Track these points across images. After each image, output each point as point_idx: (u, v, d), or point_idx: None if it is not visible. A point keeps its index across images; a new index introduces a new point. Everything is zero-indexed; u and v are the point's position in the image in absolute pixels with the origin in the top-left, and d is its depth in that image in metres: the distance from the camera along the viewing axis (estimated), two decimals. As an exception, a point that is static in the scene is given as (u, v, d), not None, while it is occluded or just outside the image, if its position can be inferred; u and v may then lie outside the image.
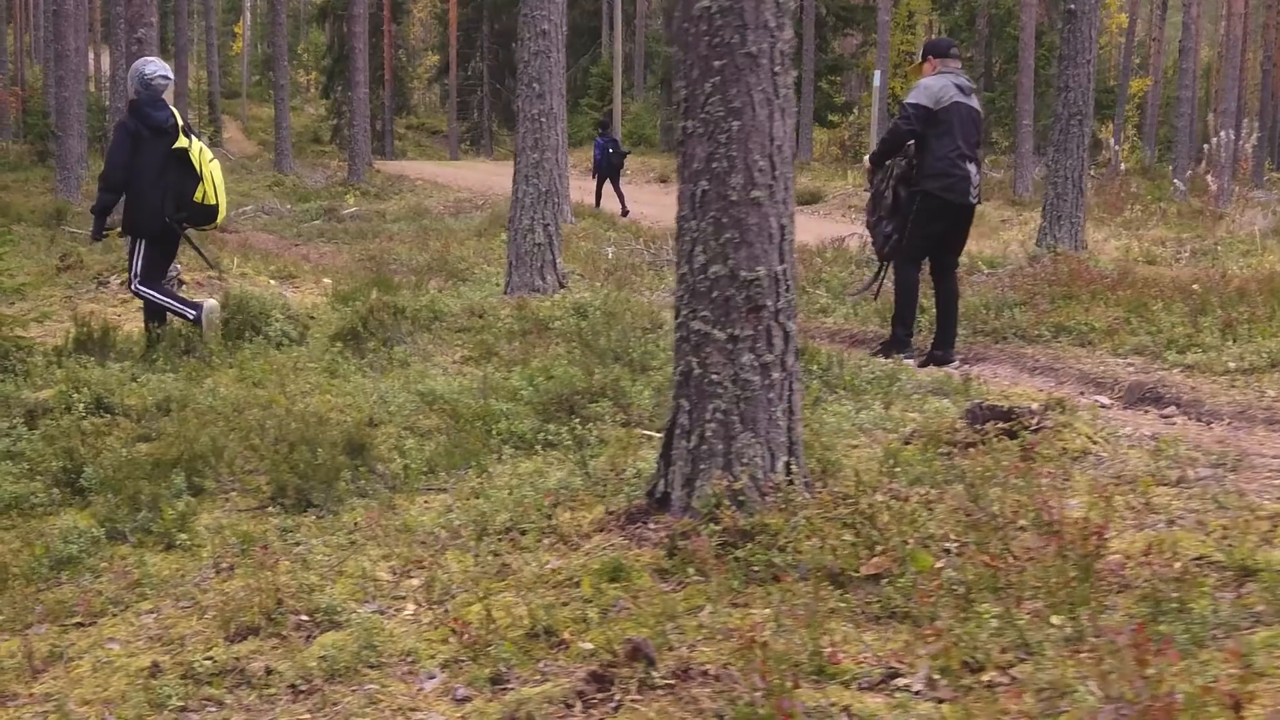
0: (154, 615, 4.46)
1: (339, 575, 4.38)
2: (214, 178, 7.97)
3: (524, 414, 6.06)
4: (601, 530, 4.22)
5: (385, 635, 3.87)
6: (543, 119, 9.08)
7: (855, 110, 39.82)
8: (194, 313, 7.90)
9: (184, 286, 11.99)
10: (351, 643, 3.85)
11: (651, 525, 4.07)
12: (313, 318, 8.62)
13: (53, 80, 28.75)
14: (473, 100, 51.40)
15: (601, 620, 3.66)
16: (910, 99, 8.10)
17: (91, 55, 51.24)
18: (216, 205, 8.00)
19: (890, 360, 7.52)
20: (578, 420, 5.89)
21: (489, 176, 30.40)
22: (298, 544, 4.84)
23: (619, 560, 3.89)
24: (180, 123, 7.96)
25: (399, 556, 4.48)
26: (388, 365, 7.50)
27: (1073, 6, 11.83)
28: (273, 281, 12.80)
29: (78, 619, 4.58)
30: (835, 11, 37.24)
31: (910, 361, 7.71)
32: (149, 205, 7.84)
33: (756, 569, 3.78)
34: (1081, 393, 6.90)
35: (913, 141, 7.98)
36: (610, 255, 13.95)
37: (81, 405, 6.27)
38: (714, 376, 3.97)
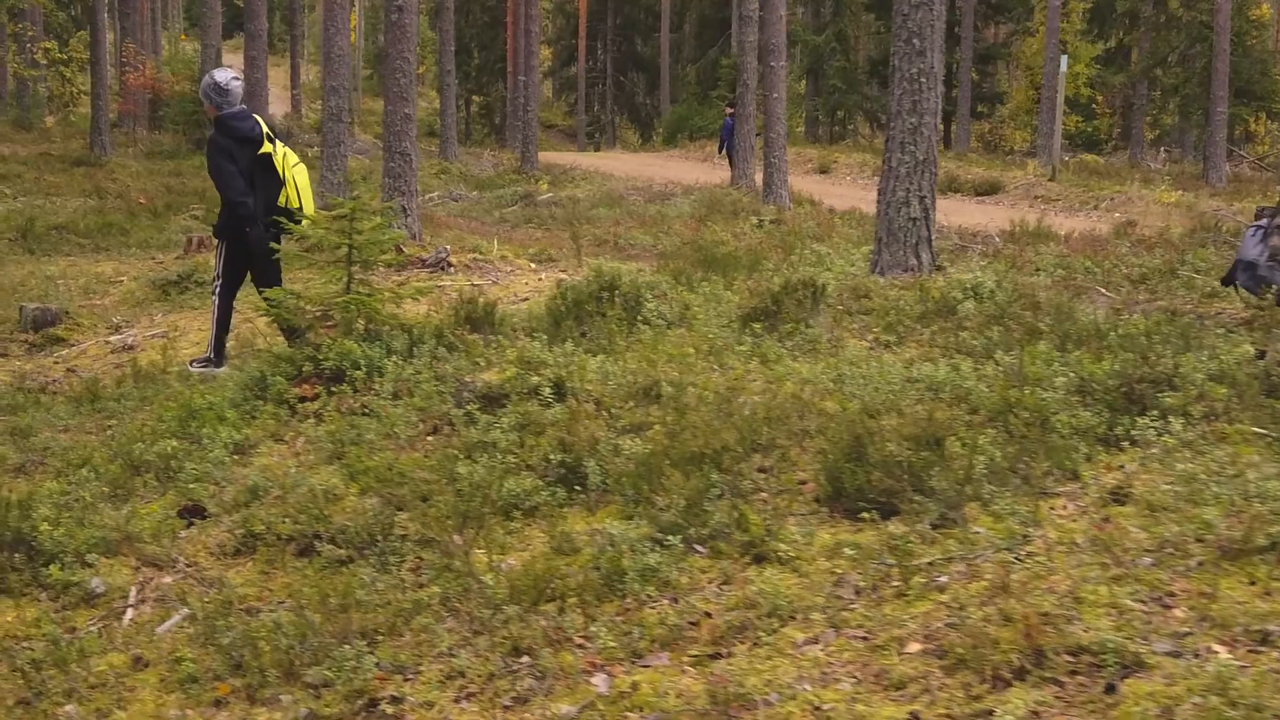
0: (820, 646, 3.59)
1: (1075, 603, 3.47)
2: (297, 182, 7.91)
3: (1073, 405, 5.13)
4: None
5: (1244, 686, 2.95)
6: (922, 78, 8.13)
7: (1003, 102, 38.51)
8: (208, 359, 7.93)
9: (452, 268, 11.26)
10: (1207, 696, 2.94)
11: None
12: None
13: (210, 67, 28.39)
14: (594, 93, 50.61)
15: None
16: None
17: (166, 43, 51.38)
18: (300, 209, 7.87)
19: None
20: (1154, 413, 4.93)
21: (641, 166, 29.57)
22: (949, 560, 3.94)
23: None
24: (265, 129, 7.87)
25: (1136, 579, 3.55)
26: (811, 348, 6.61)
27: None
28: (534, 265, 12.02)
29: (701, 646, 3.74)
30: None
31: None
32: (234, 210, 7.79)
33: None
34: None
35: None
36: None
37: (547, 390, 5.43)
38: None
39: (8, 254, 14.79)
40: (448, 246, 11.38)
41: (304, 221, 7.85)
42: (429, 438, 5.56)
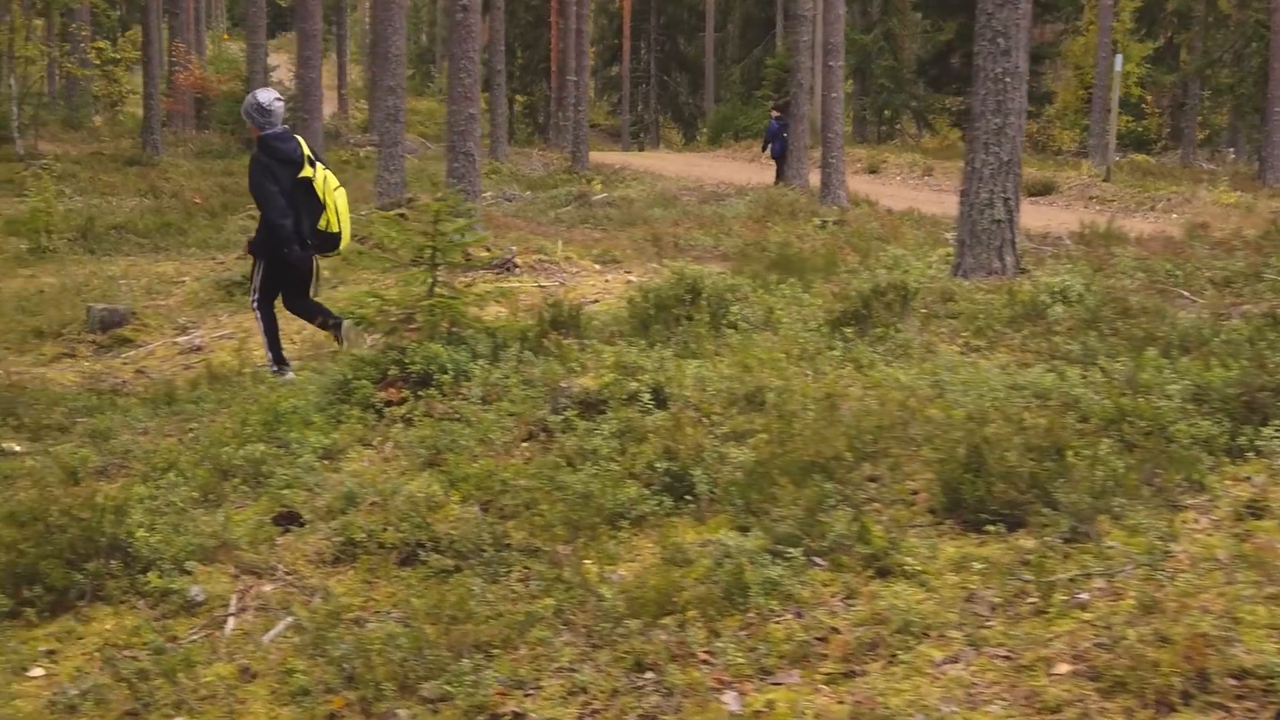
0: (961, 665, 3.47)
1: (1232, 623, 3.32)
2: (338, 206, 7.91)
3: (1190, 413, 4.97)
4: None
5: None
6: (1007, 78, 7.98)
7: (1051, 102, 38.07)
8: (276, 368, 7.98)
9: (518, 270, 11.18)
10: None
11: None
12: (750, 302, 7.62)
13: (258, 66, 28.52)
14: (637, 93, 50.50)
15: None
16: None
17: (210, 42, 51.70)
18: (339, 233, 7.95)
19: None
20: (1277, 422, 4.76)
21: (689, 166, 29.47)
22: (1087, 575, 3.80)
23: None
24: (307, 152, 7.88)
25: (1297, 598, 3.41)
26: (903, 353, 6.48)
27: None
28: (598, 266, 11.93)
29: (833, 664, 3.62)
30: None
31: None
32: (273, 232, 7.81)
33: None
34: None
35: None
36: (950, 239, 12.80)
37: (646, 396, 5.33)
38: None
39: (68, 253, 14.87)
40: (514, 248, 11.29)
41: (341, 244, 8.01)
42: (524, 444, 5.47)
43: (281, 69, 38.82)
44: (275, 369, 8.03)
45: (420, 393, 6.13)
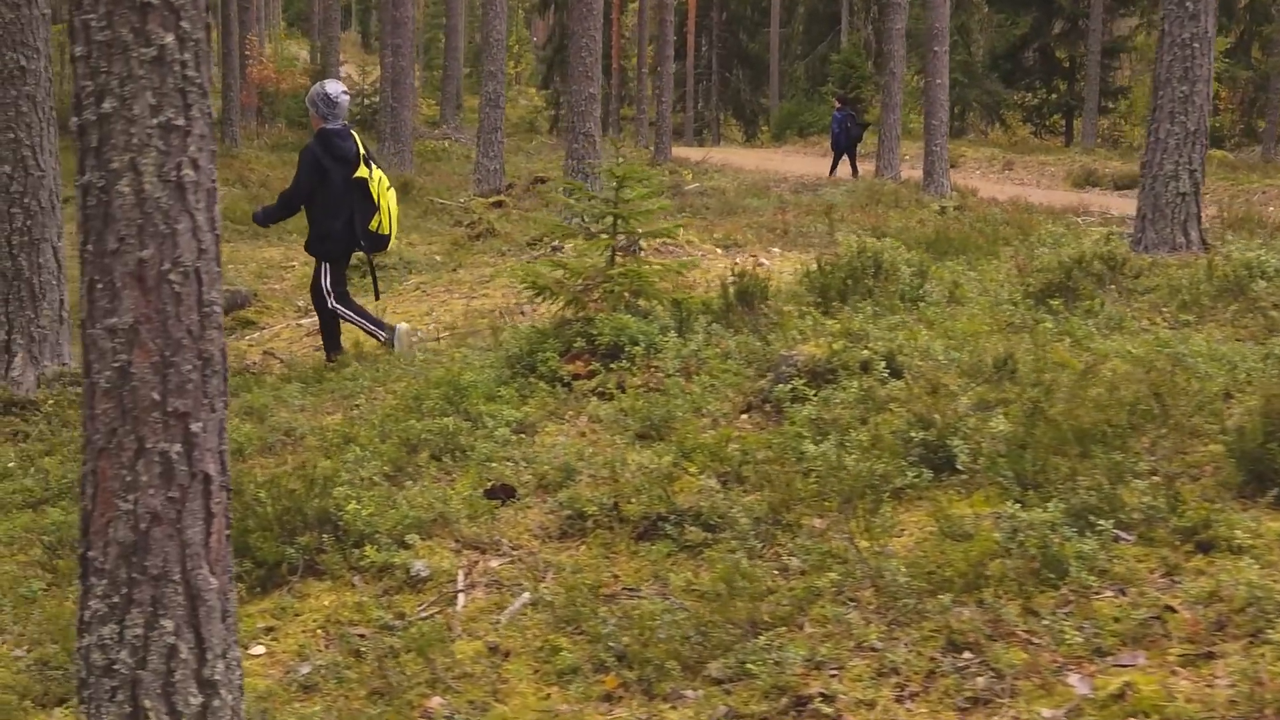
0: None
1: None
2: (390, 208, 7.88)
3: None
4: None
5: None
6: (1195, 43, 7.58)
7: (1127, 96, 37.43)
8: (385, 334, 7.87)
9: (643, 251, 10.86)
10: None
11: None
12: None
13: (332, 59, 28.42)
14: (698, 90, 50.06)
15: None
16: None
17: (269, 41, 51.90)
18: (389, 235, 7.95)
19: None
20: None
21: (762, 161, 29.14)
22: None
23: None
24: (363, 151, 7.77)
25: None
26: (1117, 326, 6.12)
27: None
28: (720, 249, 11.62)
29: (1182, 645, 3.27)
30: (1117, -10, 34.97)
31: None
32: (330, 230, 7.73)
33: None
34: None
35: None
36: (1081, 224, 12.41)
37: (880, 365, 4.99)
38: None
39: (167, 240, 14.70)
40: (639, 229, 10.98)
41: (389, 245, 8.01)
42: (743, 415, 5.15)
43: (347, 66, 38.72)
44: (385, 337, 7.87)
45: (610, 365, 5.83)
